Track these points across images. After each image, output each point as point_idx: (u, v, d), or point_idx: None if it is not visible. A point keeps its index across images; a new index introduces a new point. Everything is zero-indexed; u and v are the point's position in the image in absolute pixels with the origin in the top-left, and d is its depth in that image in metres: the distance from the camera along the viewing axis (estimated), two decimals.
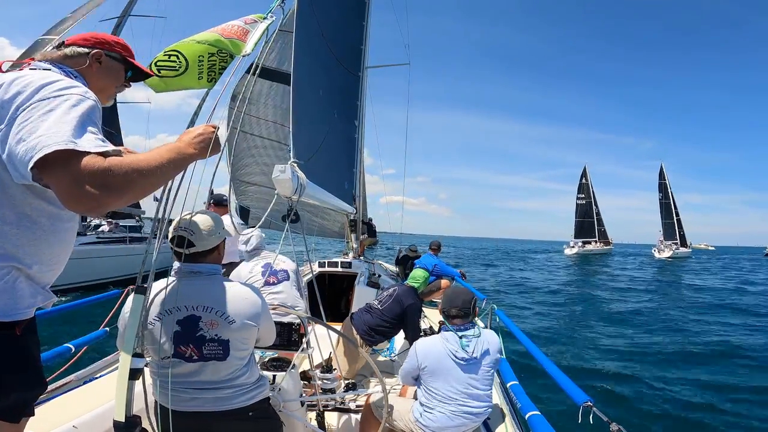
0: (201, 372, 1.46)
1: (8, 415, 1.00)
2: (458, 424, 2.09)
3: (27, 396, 1.05)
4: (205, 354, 1.45)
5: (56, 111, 0.88)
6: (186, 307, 1.46)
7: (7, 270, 0.95)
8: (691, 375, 6.64)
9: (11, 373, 0.99)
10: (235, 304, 1.49)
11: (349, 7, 5.38)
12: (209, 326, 1.45)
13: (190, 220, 1.52)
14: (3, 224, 0.93)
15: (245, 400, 1.51)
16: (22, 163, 0.85)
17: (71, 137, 0.84)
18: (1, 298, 0.95)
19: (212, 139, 1.17)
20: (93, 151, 0.85)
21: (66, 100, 0.90)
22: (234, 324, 1.47)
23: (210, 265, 1.57)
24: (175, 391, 1.45)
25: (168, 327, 1.43)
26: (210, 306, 1.47)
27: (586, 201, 58.77)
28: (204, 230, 1.53)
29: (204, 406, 1.47)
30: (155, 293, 1.46)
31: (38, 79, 0.93)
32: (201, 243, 1.52)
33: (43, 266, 1.02)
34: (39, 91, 0.90)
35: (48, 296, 1.07)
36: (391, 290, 3.35)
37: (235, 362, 1.50)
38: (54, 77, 0.95)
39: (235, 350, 1.48)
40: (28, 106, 0.88)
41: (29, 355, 1.04)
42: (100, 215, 2.06)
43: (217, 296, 1.49)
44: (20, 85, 0.91)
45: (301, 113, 3.12)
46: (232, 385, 1.50)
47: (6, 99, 0.90)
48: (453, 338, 2.18)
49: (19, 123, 0.87)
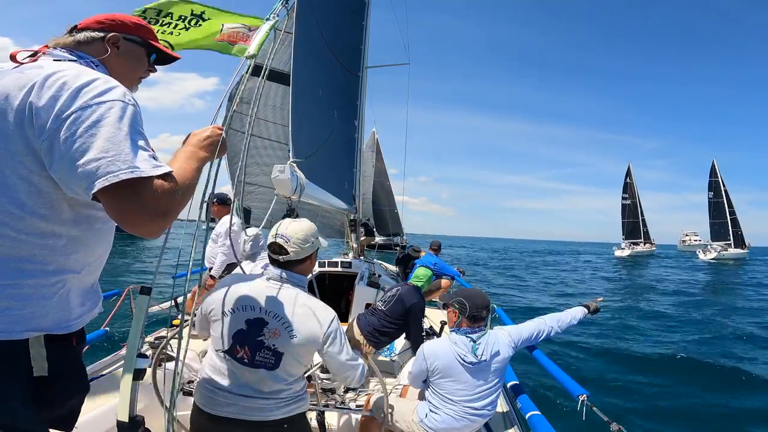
0: (246, 375, 1.46)
1: (64, 424, 1.01)
2: (463, 425, 2.09)
3: (80, 403, 1.07)
4: (256, 360, 1.46)
5: (104, 125, 0.83)
6: (260, 309, 1.48)
7: (61, 284, 0.95)
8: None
9: (69, 383, 1.01)
10: (304, 320, 1.49)
11: (349, 7, 5.38)
12: (272, 335, 1.46)
13: (288, 228, 1.55)
14: (54, 238, 0.91)
15: (283, 412, 1.49)
16: (79, 186, 0.83)
17: (132, 161, 0.82)
18: (57, 311, 0.95)
19: (219, 141, 1.17)
20: (154, 174, 0.84)
21: (110, 109, 0.85)
22: (295, 339, 1.47)
23: (298, 276, 1.59)
24: (214, 393, 1.47)
25: (235, 323, 1.46)
26: (280, 315, 1.48)
27: (631, 201, 57.75)
28: (300, 239, 1.54)
29: (240, 414, 1.45)
30: (239, 287, 1.51)
31: (72, 79, 0.86)
32: (295, 252, 1.54)
33: (90, 268, 1.03)
34: (78, 97, 0.84)
35: (95, 300, 1.08)
36: (394, 290, 3.34)
37: (283, 376, 1.48)
38: (87, 74, 0.89)
39: (287, 365, 1.48)
40: (70, 116, 0.82)
41: (81, 364, 1.07)
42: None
43: (290, 307, 1.49)
44: (54, 88, 0.84)
45: (301, 113, 3.12)
46: (273, 396, 1.48)
47: (41, 106, 0.83)
48: (462, 342, 2.15)
49: (66, 138, 0.82)
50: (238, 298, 1.50)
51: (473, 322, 2.20)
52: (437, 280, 5.66)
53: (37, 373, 0.92)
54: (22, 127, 0.84)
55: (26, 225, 0.87)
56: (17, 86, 0.85)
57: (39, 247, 0.90)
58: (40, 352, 0.92)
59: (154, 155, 0.89)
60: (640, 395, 5.79)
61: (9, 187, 0.85)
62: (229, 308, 1.49)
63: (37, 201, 0.87)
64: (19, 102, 0.83)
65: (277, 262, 1.56)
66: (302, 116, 3.15)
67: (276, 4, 1.59)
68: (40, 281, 0.91)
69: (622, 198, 58.16)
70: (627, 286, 20.22)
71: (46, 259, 0.91)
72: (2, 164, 0.85)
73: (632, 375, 6.59)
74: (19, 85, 0.85)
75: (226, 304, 1.50)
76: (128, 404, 1.03)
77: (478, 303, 2.21)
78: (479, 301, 2.22)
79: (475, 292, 2.34)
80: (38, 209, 0.88)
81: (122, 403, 1.03)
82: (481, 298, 2.25)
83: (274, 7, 1.59)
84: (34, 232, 0.88)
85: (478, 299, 2.23)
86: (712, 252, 48.09)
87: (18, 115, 0.84)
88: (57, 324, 0.96)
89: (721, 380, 6.53)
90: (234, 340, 1.47)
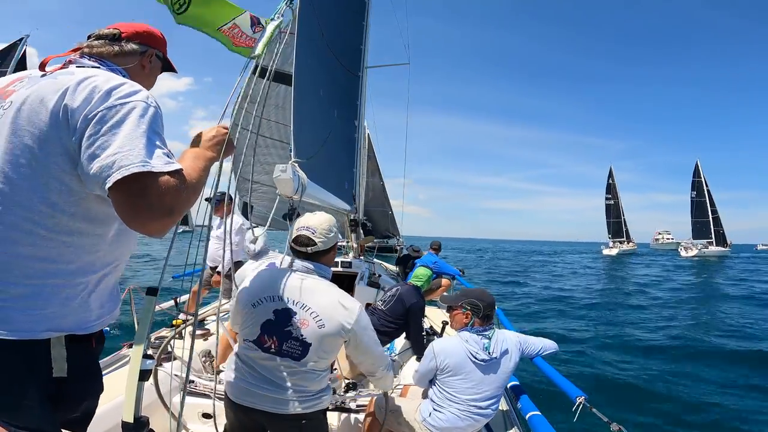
0: (272, 365, 1.49)
1: (78, 424, 1.03)
2: (467, 425, 2.09)
3: (95, 404, 1.08)
4: (283, 350, 1.48)
5: (126, 123, 0.86)
6: (288, 299, 1.50)
7: (83, 285, 0.96)
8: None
9: (87, 383, 1.02)
10: (331, 310, 1.51)
11: (350, 8, 5.37)
12: (300, 324, 1.48)
13: (311, 220, 1.59)
14: (81, 236, 0.93)
15: (303, 408, 1.51)
16: (96, 181, 0.84)
17: (145, 156, 0.84)
18: (78, 312, 0.96)
19: (225, 141, 1.18)
20: (165, 171, 0.86)
21: (133, 109, 0.89)
22: (323, 329, 1.49)
23: (324, 266, 1.62)
24: (240, 383, 1.50)
25: (263, 314, 1.49)
26: (308, 305, 1.50)
27: (614, 202, 60.84)
28: (325, 230, 1.59)
29: (261, 404, 1.49)
30: (266, 279, 1.55)
31: (102, 83, 0.90)
32: (322, 242, 1.58)
33: (112, 268, 1.04)
34: (107, 99, 0.88)
35: (115, 302, 1.09)
36: (394, 290, 3.34)
37: (309, 368, 1.51)
38: (117, 79, 0.93)
39: (314, 355, 1.50)
40: (97, 115, 0.86)
41: (98, 365, 1.09)
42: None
43: (318, 297, 1.52)
44: (87, 91, 0.88)
45: (303, 113, 3.12)
46: (296, 390, 1.50)
47: (75, 107, 0.87)
48: (474, 339, 2.15)
49: (90, 135, 0.85)
50: (265, 288, 1.54)
51: (485, 321, 2.22)
52: (437, 279, 5.67)
53: (56, 374, 0.93)
54: (57, 128, 0.87)
55: (56, 223, 0.89)
56: (52, 90, 0.88)
57: (65, 245, 0.91)
58: (61, 353, 0.93)
59: (169, 153, 0.91)
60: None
61: (43, 187, 0.88)
62: (257, 299, 1.53)
63: (68, 199, 0.90)
64: (54, 104, 0.87)
65: (304, 254, 1.59)
66: (304, 116, 3.15)
67: (281, 4, 1.59)
68: (63, 281, 0.92)
69: (606, 198, 61.18)
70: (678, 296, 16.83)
71: (71, 258, 0.93)
72: (39, 165, 0.87)
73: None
74: (54, 90, 0.88)
75: (254, 295, 1.54)
76: (133, 404, 1.03)
77: (488, 302, 2.23)
78: (489, 299, 2.25)
79: (482, 291, 2.35)
80: (68, 208, 0.90)
81: (128, 403, 1.03)
82: (488, 296, 2.28)
83: (279, 7, 1.59)
84: (63, 231, 0.90)
85: (488, 298, 2.25)
86: (693, 249, 50.05)
87: (53, 117, 0.87)
88: (78, 325, 0.96)
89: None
90: (262, 330, 1.50)
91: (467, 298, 2.26)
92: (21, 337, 0.87)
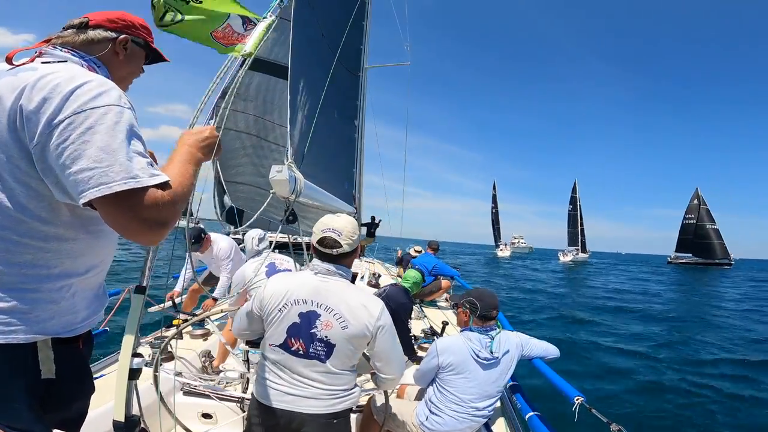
0: (301, 367, 1.51)
1: (70, 426, 1.02)
2: (466, 427, 2.08)
3: (86, 405, 1.07)
4: (310, 352, 1.50)
5: (99, 131, 0.80)
6: (312, 302, 1.52)
7: (66, 288, 0.95)
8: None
9: (76, 384, 1.01)
10: (355, 311, 1.52)
11: (350, 8, 5.37)
12: (324, 326, 1.50)
13: (336, 222, 1.59)
14: (57, 241, 0.91)
15: (332, 405, 1.53)
16: (68, 194, 0.82)
17: (127, 172, 0.80)
18: (64, 315, 0.95)
19: (216, 143, 1.15)
20: (151, 184, 0.82)
21: (105, 114, 0.82)
22: (347, 330, 1.50)
23: (346, 268, 1.62)
24: (270, 386, 1.52)
25: (289, 317, 1.51)
26: (331, 307, 1.51)
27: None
28: (350, 231, 1.59)
29: (292, 406, 1.50)
30: (289, 283, 1.55)
31: (65, 81, 0.82)
32: (348, 244, 1.58)
33: (96, 270, 1.03)
34: (70, 100, 0.80)
35: (101, 302, 1.08)
36: (381, 290, 3.34)
37: (335, 369, 1.53)
38: (81, 77, 0.85)
39: (339, 356, 1.52)
40: (63, 121, 0.79)
41: (88, 366, 1.07)
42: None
43: (341, 299, 1.53)
44: (45, 90, 0.81)
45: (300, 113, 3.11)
46: (326, 389, 1.52)
47: (32, 109, 0.80)
48: (478, 338, 2.16)
49: (58, 144, 0.79)
50: (289, 292, 1.54)
51: (483, 321, 2.22)
52: (437, 281, 5.63)
53: (45, 376, 0.92)
54: (14, 131, 0.82)
55: (28, 229, 0.87)
56: (9, 89, 0.83)
57: (42, 251, 0.89)
58: (48, 355, 0.92)
59: (151, 162, 0.87)
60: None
61: (8, 191, 0.84)
62: (282, 303, 1.54)
63: (38, 204, 0.87)
64: (10, 105, 0.82)
65: (329, 256, 1.59)
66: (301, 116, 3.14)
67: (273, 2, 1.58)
68: (46, 285, 0.91)
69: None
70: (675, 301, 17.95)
71: (51, 263, 0.91)
72: (3, 169, 0.84)
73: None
74: (12, 88, 0.83)
75: (279, 299, 1.54)
76: (124, 404, 1.02)
77: (488, 303, 2.23)
78: (490, 300, 2.24)
79: (486, 292, 2.35)
80: (39, 212, 0.87)
81: (118, 403, 1.03)
82: (491, 298, 2.26)
83: (272, 6, 1.58)
84: (36, 236, 0.88)
85: (489, 299, 2.24)
86: (569, 255, 59.09)
87: (10, 118, 0.82)
88: (64, 327, 0.95)
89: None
90: (288, 333, 1.52)
91: (468, 297, 2.29)
92: (6, 341, 0.86)
